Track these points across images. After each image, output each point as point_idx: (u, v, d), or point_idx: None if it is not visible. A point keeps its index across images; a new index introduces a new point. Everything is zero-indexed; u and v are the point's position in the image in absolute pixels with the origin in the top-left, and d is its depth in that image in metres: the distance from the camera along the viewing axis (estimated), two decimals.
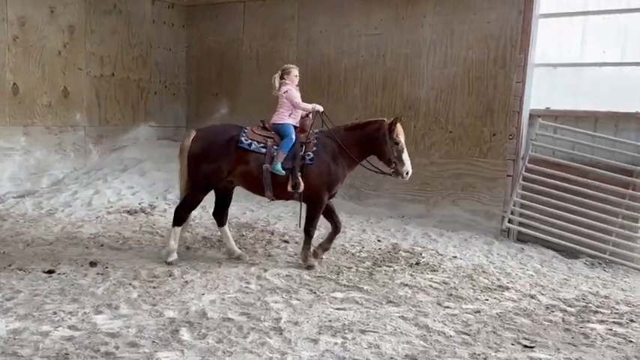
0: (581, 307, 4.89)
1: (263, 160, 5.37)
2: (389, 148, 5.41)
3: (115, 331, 3.78)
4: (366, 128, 5.57)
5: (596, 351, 3.92)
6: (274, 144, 5.42)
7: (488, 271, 5.86)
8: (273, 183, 5.39)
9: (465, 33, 7.69)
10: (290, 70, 5.61)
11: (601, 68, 7.00)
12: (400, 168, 5.45)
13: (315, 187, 5.46)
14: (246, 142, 5.43)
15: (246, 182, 5.58)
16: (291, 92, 5.52)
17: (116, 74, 9.84)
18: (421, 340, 3.89)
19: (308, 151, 5.45)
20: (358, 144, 5.54)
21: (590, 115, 6.97)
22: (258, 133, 5.52)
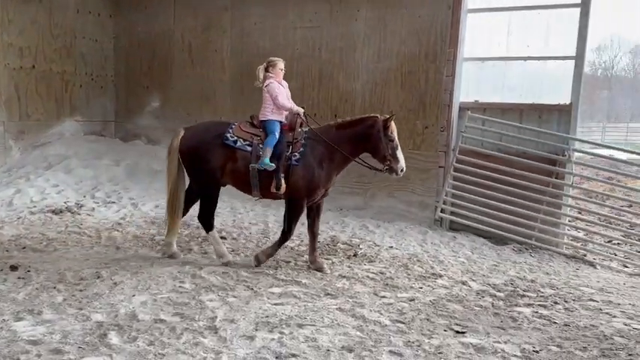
0: (510, 292, 5.11)
1: (249, 159, 5.25)
2: (383, 145, 5.26)
3: (38, 338, 3.55)
4: (360, 125, 5.36)
5: (523, 333, 4.09)
6: (260, 142, 5.26)
7: (423, 260, 6.01)
8: (260, 182, 5.28)
9: (397, 27, 7.82)
10: (275, 63, 5.40)
11: (525, 62, 7.34)
12: (395, 165, 5.31)
13: (297, 189, 5.30)
14: (231, 140, 5.32)
15: (233, 180, 5.48)
16: (271, 86, 5.31)
17: (37, 66, 9.27)
18: (358, 331, 3.91)
19: (295, 152, 5.28)
20: (351, 141, 5.34)
21: (516, 107, 7.29)
22: (245, 131, 5.38)
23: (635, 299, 5.18)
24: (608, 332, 4.18)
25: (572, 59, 6.85)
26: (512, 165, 7.10)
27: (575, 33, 6.78)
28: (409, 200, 7.85)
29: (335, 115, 8.37)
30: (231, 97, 9.54)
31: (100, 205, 7.97)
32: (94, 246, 6.04)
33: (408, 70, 7.76)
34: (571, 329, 4.22)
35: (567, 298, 5.01)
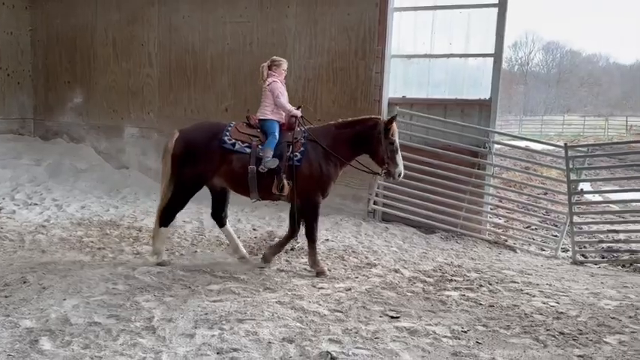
0: (439, 277, 5.39)
1: (248, 161, 5.13)
2: (383, 147, 5.13)
3: None
4: (360, 126, 5.25)
5: (452, 315, 4.35)
6: (259, 144, 5.16)
7: (358, 251, 6.19)
8: (259, 184, 5.17)
9: (327, 24, 7.95)
10: (280, 63, 5.40)
11: (448, 59, 7.71)
12: (393, 169, 5.20)
13: (306, 190, 5.18)
14: (229, 142, 5.19)
15: (231, 183, 5.36)
16: (274, 85, 5.27)
17: None
18: (298, 322, 4.00)
19: (295, 152, 5.16)
20: (350, 142, 5.23)
21: (441, 102, 7.65)
22: (243, 132, 5.26)
23: (552, 279, 5.63)
24: (528, 311, 4.52)
25: (491, 57, 7.28)
26: (438, 158, 7.45)
27: (493, 31, 7.21)
28: (344, 194, 8.03)
29: None
30: (160, 93, 9.30)
31: (21, 207, 7.54)
32: (17, 250, 5.73)
33: (339, 67, 7.91)
34: (495, 309, 4.53)
35: (491, 280, 5.36)
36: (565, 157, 6.86)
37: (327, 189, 5.30)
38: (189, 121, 8.92)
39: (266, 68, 5.38)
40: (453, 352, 3.63)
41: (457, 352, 3.62)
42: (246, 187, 5.23)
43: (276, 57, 5.47)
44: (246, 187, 5.23)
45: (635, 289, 5.32)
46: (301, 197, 5.23)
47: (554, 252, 7.01)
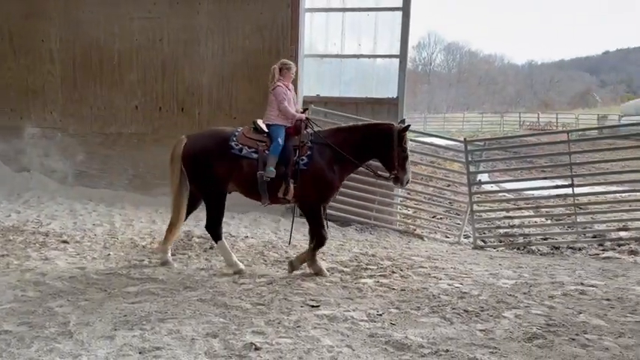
0: (355, 267, 5.66)
1: (256, 166, 5.11)
2: (395, 154, 5.16)
3: None
4: (374, 131, 5.26)
5: (367, 301, 4.61)
6: (266, 148, 5.13)
7: (277, 246, 6.32)
8: (268, 189, 5.15)
9: (240, 23, 7.98)
10: (290, 67, 5.40)
11: (358, 59, 8.04)
12: (402, 176, 5.24)
13: (308, 193, 5.19)
14: (237, 148, 5.16)
15: (241, 188, 5.33)
16: (278, 90, 5.26)
17: None
18: (220, 318, 4.05)
19: (302, 156, 5.15)
20: (362, 146, 5.23)
21: (352, 101, 7.97)
22: (249, 137, 5.22)
23: (456, 263, 6.10)
24: (435, 292, 4.90)
25: (397, 57, 7.71)
26: None
27: (398, 34, 7.63)
28: None
29: (182, 108, 8.29)
30: (63, 91, 8.82)
31: None
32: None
33: (254, 65, 7.98)
34: (407, 293, 4.86)
35: (402, 267, 5.72)
36: (465, 152, 7.43)
37: (331, 193, 5.34)
38: (96, 120, 8.61)
39: (277, 71, 5.37)
40: (369, 334, 3.87)
41: (373, 334, 3.86)
42: (256, 192, 5.23)
43: (286, 60, 5.51)
44: (256, 192, 5.23)
45: (529, 269, 5.91)
46: (303, 200, 5.26)
47: (458, 238, 7.57)
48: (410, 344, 3.70)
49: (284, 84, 5.37)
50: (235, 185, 5.32)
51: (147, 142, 8.46)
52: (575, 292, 5.06)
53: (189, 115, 8.27)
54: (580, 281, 5.45)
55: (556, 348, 3.74)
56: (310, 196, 5.21)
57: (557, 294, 4.94)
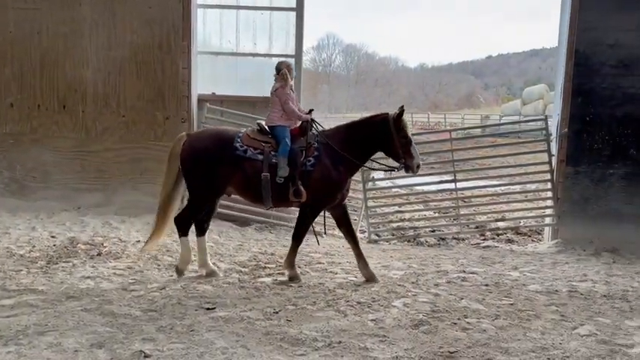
0: (253, 266, 5.64)
1: (261, 168, 4.96)
2: (396, 142, 5.07)
3: None
4: (370, 124, 5.21)
5: (265, 299, 4.62)
6: (272, 150, 5.01)
7: (172, 250, 6.10)
8: (272, 192, 5.00)
9: (127, 16, 7.59)
10: (292, 69, 5.41)
11: (254, 58, 8.01)
12: (410, 162, 5.13)
13: (315, 195, 5.07)
14: (241, 149, 5.00)
15: (242, 191, 5.22)
16: (281, 91, 5.20)
17: None
18: (107, 327, 3.84)
19: (309, 157, 5.05)
20: (363, 142, 5.16)
21: (250, 99, 7.91)
22: (254, 138, 5.10)
23: (351, 257, 6.24)
24: (331, 286, 5.03)
25: (292, 57, 7.77)
26: None
27: (293, 33, 7.70)
28: (155, 192, 7.65)
29: (64, 106, 7.73)
30: None
31: None
32: None
33: (143, 60, 7.62)
34: (304, 289, 4.94)
35: (300, 264, 5.78)
36: None
37: (339, 193, 5.23)
38: None
39: (287, 74, 5.29)
40: (265, 332, 3.87)
41: (269, 332, 3.87)
42: (258, 195, 5.11)
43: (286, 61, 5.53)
44: (258, 195, 5.11)
45: (417, 260, 6.26)
46: (309, 203, 5.14)
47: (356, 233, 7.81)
48: (304, 339, 3.76)
49: (285, 85, 5.30)
50: (235, 188, 5.21)
51: (24, 143, 7.78)
52: (457, 280, 5.44)
53: (72, 113, 7.72)
54: (462, 269, 5.87)
55: (440, 333, 3.99)
56: (315, 198, 5.13)
57: (441, 282, 5.28)
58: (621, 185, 7.00)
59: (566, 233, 7.14)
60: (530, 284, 5.37)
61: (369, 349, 3.65)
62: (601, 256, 6.56)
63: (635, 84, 6.92)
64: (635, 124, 6.95)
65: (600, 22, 6.89)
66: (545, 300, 4.87)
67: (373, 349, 3.66)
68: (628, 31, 6.84)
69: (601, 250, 6.74)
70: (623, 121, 6.97)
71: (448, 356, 3.59)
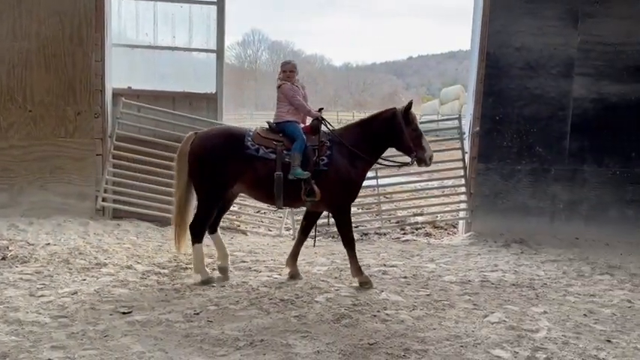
0: (174, 267, 5.48)
1: (273, 167, 4.89)
2: (406, 136, 5.03)
3: None
4: (379, 120, 5.16)
5: (185, 301, 4.50)
6: (284, 149, 4.94)
7: (86, 252, 5.80)
8: (284, 191, 4.92)
9: (34, 6, 7.05)
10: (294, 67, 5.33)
11: (174, 52, 7.75)
12: (422, 154, 5.06)
13: (335, 195, 5.01)
14: (253, 148, 4.94)
15: (253, 191, 5.15)
16: (285, 87, 5.15)
17: None
18: (12, 336, 3.59)
19: (322, 155, 4.99)
20: (374, 138, 5.13)
21: (169, 94, 7.66)
22: (265, 137, 5.03)
23: (276, 255, 6.28)
24: (255, 285, 4.99)
25: (213, 52, 7.62)
26: (169, 150, 7.44)
27: (214, 28, 7.54)
28: (66, 192, 7.34)
29: None
30: None
31: None
32: None
33: (52, 53, 7.13)
34: (227, 289, 4.87)
35: None
36: None
37: (355, 191, 5.21)
38: None
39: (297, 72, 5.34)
40: (185, 334, 3.78)
41: (189, 334, 3.79)
42: (270, 195, 5.01)
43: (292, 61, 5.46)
44: (270, 195, 5.01)
45: (340, 255, 6.34)
46: (331, 204, 5.10)
47: (279, 231, 7.80)
48: (226, 339, 3.72)
49: (289, 81, 5.26)
50: (245, 187, 5.12)
51: None
52: (378, 273, 5.60)
53: None
54: (383, 263, 6.05)
55: (360, 325, 4.09)
56: (338, 197, 5.07)
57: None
58: (528, 181, 7.50)
59: (478, 226, 7.54)
60: (446, 275, 5.62)
61: (292, 345, 3.67)
62: (510, 247, 7.00)
63: (540, 85, 7.42)
64: (541, 123, 7.46)
65: (508, 26, 7.33)
66: (459, 290, 5.12)
67: (295, 345, 3.68)
68: (533, 35, 7.32)
69: (510, 241, 7.19)
70: (529, 120, 7.45)
71: (367, 348, 3.68)
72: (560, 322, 4.36)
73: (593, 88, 7.38)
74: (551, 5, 7.28)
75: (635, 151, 7.45)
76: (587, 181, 7.48)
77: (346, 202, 5.17)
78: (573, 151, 7.45)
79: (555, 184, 7.48)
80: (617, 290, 5.37)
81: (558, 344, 3.90)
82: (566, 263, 6.33)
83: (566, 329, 4.22)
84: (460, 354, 3.65)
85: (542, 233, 7.39)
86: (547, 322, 4.36)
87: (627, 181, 7.49)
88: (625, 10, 7.27)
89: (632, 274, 5.99)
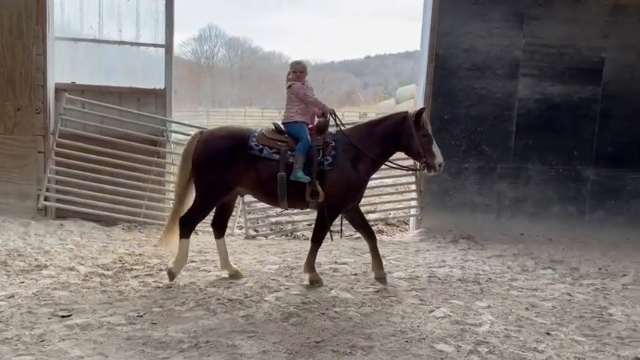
0: (118, 269, 5.31)
1: (277, 168, 4.85)
2: (417, 141, 4.97)
3: None
4: (390, 123, 5.12)
5: (129, 303, 4.37)
6: (288, 149, 4.90)
7: (25, 253, 5.56)
8: (288, 192, 4.87)
9: None
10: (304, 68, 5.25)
11: (121, 46, 7.51)
12: (431, 160, 4.99)
13: (334, 195, 4.94)
14: (256, 148, 4.89)
15: (256, 192, 5.09)
16: (295, 86, 5.09)
17: None
18: None
19: (326, 156, 4.94)
20: (382, 141, 5.07)
21: (115, 90, 7.42)
22: (270, 137, 4.98)
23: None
24: (202, 285, 4.90)
25: (162, 47, 7.43)
26: (116, 147, 7.24)
27: (163, 22, 7.35)
28: (5, 191, 7.01)
29: None
30: None
31: None
32: None
33: None
34: (173, 290, 4.76)
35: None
36: None
37: (358, 193, 5.17)
38: None
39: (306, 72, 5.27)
40: (126, 337, 3.68)
41: (131, 337, 3.68)
42: (273, 196, 4.96)
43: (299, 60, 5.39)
44: (273, 196, 4.96)
45: (292, 253, 6.33)
46: (328, 201, 4.97)
47: (231, 230, 7.69)
48: (169, 341, 3.64)
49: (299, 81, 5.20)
50: (249, 188, 5.05)
51: None
52: (329, 271, 5.61)
53: None
54: (335, 260, 6.07)
55: (308, 323, 4.08)
56: (334, 198, 4.98)
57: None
58: (475, 178, 7.70)
59: (428, 223, 7.69)
60: (395, 271, 5.69)
61: (237, 346, 3.63)
62: (458, 243, 7.16)
63: (487, 85, 7.63)
64: (487, 122, 7.66)
65: (457, 27, 7.49)
66: (407, 286, 5.20)
67: (241, 345, 3.64)
68: (480, 37, 7.51)
69: (458, 237, 7.36)
70: (476, 120, 7.65)
71: (314, 346, 3.68)
72: (502, 316, 4.49)
73: (537, 89, 7.65)
74: (497, 7, 7.48)
75: (577, 150, 7.77)
76: (531, 178, 7.75)
77: (343, 204, 5.10)
78: (518, 150, 7.70)
79: (501, 181, 7.72)
80: (559, 284, 5.58)
81: (500, 338, 4.01)
82: (511, 258, 6.53)
83: (508, 323, 4.34)
84: (405, 349, 3.70)
85: (489, 229, 7.60)
86: (490, 316, 4.48)
87: (569, 178, 7.80)
88: (567, 13, 7.56)
89: (573, 268, 6.24)
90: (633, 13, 7.59)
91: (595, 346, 3.97)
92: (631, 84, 7.69)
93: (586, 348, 3.92)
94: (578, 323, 4.44)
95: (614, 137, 7.76)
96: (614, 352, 3.89)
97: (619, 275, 6.00)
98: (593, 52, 7.63)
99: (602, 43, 7.62)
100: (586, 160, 7.78)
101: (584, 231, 7.77)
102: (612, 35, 7.61)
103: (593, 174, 7.81)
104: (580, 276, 5.93)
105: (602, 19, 7.58)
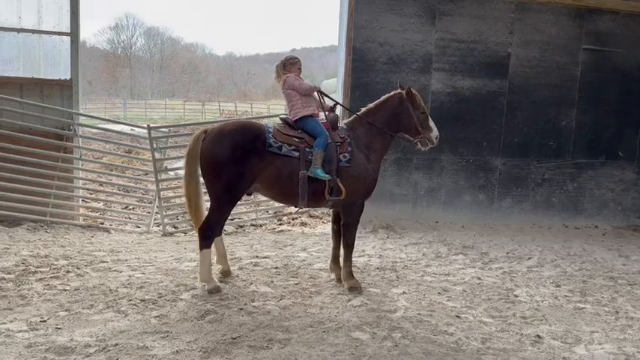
0: (21, 272, 4.96)
1: (297, 166, 4.63)
2: (415, 119, 5.04)
3: None
4: (387, 105, 5.09)
5: (32, 308, 4.09)
6: (307, 146, 4.71)
7: None
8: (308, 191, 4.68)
9: None
10: (295, 61, 4.98)
11: (20, 34, 6.97)
12: (428, 134, 5.10)
13: (353, 192, 4.81)
14: (275, 145, 4.60)
15: (274, 191, 4.79)
16: (290, 79, 4.88)
17: None
18: None
19: (344, 152, 4.81)
20: (385, 125, 5.04)
21: (15, 81, 6.89)
22: (286, 134, 4.73)
23: (141, 253, 5.95)
24: (114, 286, 4.68)
25: (67, 35, 6.97)
26: (18, 142, 6.73)
27: (68, 9, 6.90)
28: None
29: None
30: None
31: None
32: None
33: None
34: (80, 292, 4.51)
35: (80, 265, 5.28)
36: (149, 138, 7.29)
37: (373, 186, 5.05)
38: None
39: (281, 67, 4.98)
40: (27, 344, 3.45)
41: (32, 344, 3.45)
42: (292, 194, 4.72)
43: (290, 55, 5.11)
44: (292, 194, 4.72)
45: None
46: (347, 200, 4.83)
47: (147, 227, 7.42)
48: (75, 346, 3.45)
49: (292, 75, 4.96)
50: (264, 187, 4.75)
51: None
52: (249, 265, 5.55)
53: None
54: (255, 254, 6.01)
55: (225, 320, 4.01)
56: (355, 195, 4.85)
57: (234, 269, 5.32)
58: (393, 169, 7.91)
59: None
60: (316, 263, 5.74)
61: (149, 347, 3.50)
62: (378, 233, 7.34)
63: (403, 79, 7.82)
64: None
65: (372, 21, 7.63)
66: (326, 277, 5.25)
67: (153, 346, 3.51)
68: (395, 31, 7.70)
69: (378, 227, 7.54)
70: None
71: (230, 342, 3.62)
72: (416, 302, 4.66)
73: (449, 83, 7.96)
74: (410, 3, 7.70)
75: (486, 141, 8.19)
76: (444, 169, 8.08)
77: (362, 198, 4.99)
78: None
79: (417, 172, 7.98)
80: (469, 269, 5.87)
81: (413, 322, 4.15)
82: (426, 245, 6.79)
83: (421, 308, 4.51)
84: (322, 339, 3.74)
85: (406, 218, 7.86)
86: (405, 302, 4.63)
87: (479, 168, 8.21)
88: (476, 9, 7.91)
89: (483, 252, 6.58)
90: (535, 11, 8.08)
91: (501, 327, 4.21)
92: (533, 78, 8.20)
93: (492, 328, 4.16)
94: (486, 305, 4.69)
95: (519, 128, 8.25)
96: (517, 330, 4.14)
97: (525, 258, 6.41)
98: (500, 47, 8.06)
99: (508, 39, 8.06)
100: (494, 150, 8.22)
101: (493, 218, 8.23)
102: (517, 31, 8.07)
103: (501, 163, 8.27)
104: (489, 260, 6.27)
105: (508, 15, 8.02)
